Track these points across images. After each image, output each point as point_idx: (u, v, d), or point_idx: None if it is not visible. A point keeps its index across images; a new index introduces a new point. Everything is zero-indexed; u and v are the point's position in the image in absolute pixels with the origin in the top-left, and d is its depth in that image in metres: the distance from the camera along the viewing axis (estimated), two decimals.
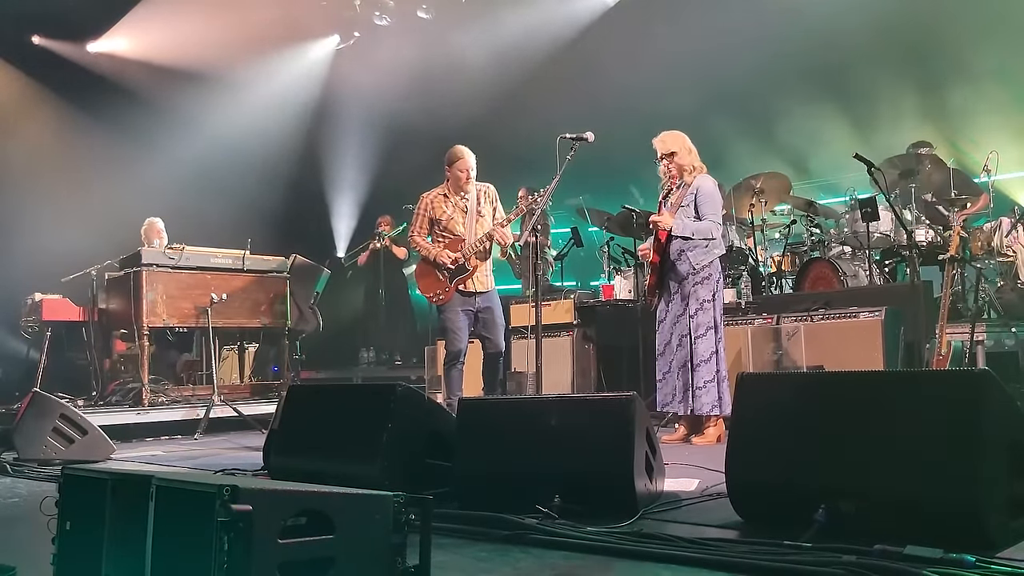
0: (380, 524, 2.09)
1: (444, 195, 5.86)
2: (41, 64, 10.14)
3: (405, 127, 10.37)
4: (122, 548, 2.09)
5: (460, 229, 5.81)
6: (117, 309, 7.39)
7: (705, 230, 5.17)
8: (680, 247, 5.22)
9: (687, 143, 5.31)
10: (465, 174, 5.76)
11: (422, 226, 5.86)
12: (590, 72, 9.46)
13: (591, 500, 3.01)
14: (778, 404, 2.93)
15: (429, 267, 5.85)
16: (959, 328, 5.50)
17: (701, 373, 5.11)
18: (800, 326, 6.01)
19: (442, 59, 9.91)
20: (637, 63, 9.12)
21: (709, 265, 5.21)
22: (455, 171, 5.80)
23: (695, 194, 5.21)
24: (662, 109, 7.67)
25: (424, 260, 5.87)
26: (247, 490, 1.86)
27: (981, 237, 6.34)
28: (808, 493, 2.62)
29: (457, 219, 5.82)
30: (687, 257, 5.21)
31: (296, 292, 8.13)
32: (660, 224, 5.17)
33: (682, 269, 5.22)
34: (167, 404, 7.02)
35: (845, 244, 7.06)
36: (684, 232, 5.16)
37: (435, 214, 5.82)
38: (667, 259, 5.27)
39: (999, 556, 2.28)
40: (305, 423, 3.97)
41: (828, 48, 8.29)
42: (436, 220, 5.82)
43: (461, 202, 5.84)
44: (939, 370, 4.83)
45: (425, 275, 5.90)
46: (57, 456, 4.93)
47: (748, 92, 8.81)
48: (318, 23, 10.64)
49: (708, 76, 8.72)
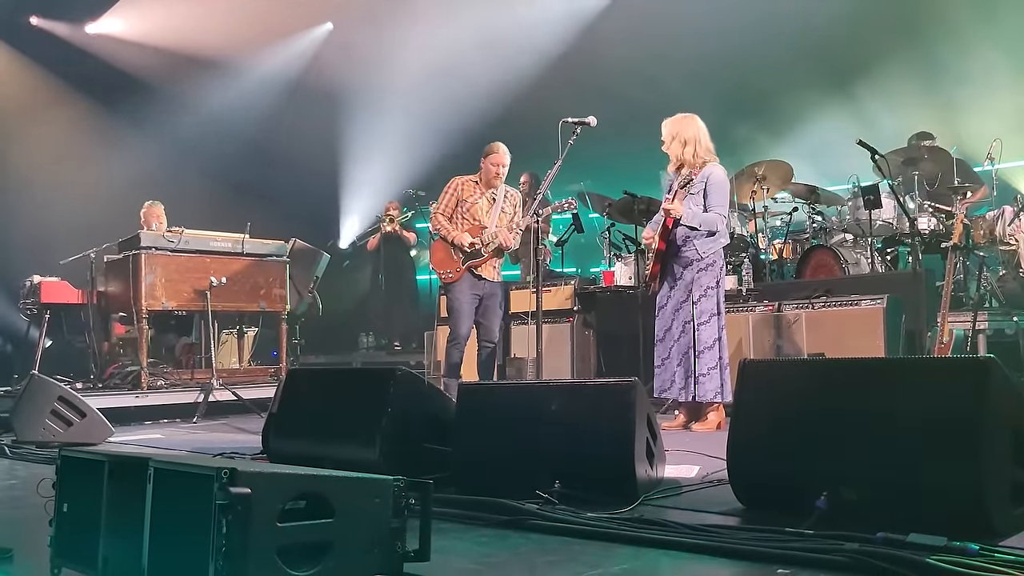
0: (380, 508, 2.08)
1: (475, 182, 6.08)
2: (39, 45, 10.07)
3: (411, 112, 10.31)
4: (119, 530, 2.07)
5: (483, 217, 6.02)
6: (116, 292, 7.36)
7: (711, 222, 5.14)
8: (686, 234, 5.19)
9: (700, 130, 5.22)
10: (495, 169, 5.98)
11: (448, 205, 6.07)
12: (595, 57, 9.39)
13: (591, 486, 3.00)
14: (780, 391, 2.92)
15: (446, 245, 6.03)
16: (960, 316, 5.48)
17: (704, 360, 5.08)
18: (801, 313, 5.99)
19: (450, 41, 9.83)
20: (638, 49, 9.07)
21: (713, 252, 5.19)
22: (487, 164, 6.02)
23: (705, 182, 5.14)
24: (663, 95, 7.63)
25: (443, 239, 6.05)
26: (246, 473, 1.84)
27: (983, 226, 6.31)
28: (810, 480, 2.61)
29: (482, 206, 6.03)
30: (693, 244, 5.18)
31: (296, 276, 8.11)
32: (672, 212, 5.10)
33: (687, 256, 5.20)
34: (166, 387, 7.01)
35: (847, 232, 7.03)
36: (692, 222, 5.12)
37: (463, 195, 6.03)
38: (672, 245, 5.23)
39: (1002, 544, 2.26)
40: (304, 407, 3.96)
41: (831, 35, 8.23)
42: (462, 201, 6.02)
43: (488, 192, 6.06)
44: (943, 357, 4.82)
45: (440, 252, 6.08)
46: (55, 438, 4.92)
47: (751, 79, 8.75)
48: (320, 4, 10.55)
49: (711, 63, 8.66)
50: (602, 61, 9.39)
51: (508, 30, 9.59)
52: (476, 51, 9.55)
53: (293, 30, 10.69)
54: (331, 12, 10.76)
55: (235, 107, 10.36)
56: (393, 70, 10.24)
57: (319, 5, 10.52)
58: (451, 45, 9.65)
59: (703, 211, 5.15)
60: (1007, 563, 2.07)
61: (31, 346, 7.60)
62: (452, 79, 9.76)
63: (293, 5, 10.22)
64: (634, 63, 9.14)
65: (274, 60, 10.80)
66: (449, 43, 9.68)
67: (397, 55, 10.12)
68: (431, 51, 9.81)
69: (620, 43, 9.35)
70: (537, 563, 2.35)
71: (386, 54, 10.20)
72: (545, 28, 9.65)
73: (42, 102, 9.89)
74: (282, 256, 7.85)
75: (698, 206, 5.14)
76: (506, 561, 2.38)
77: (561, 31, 9.69)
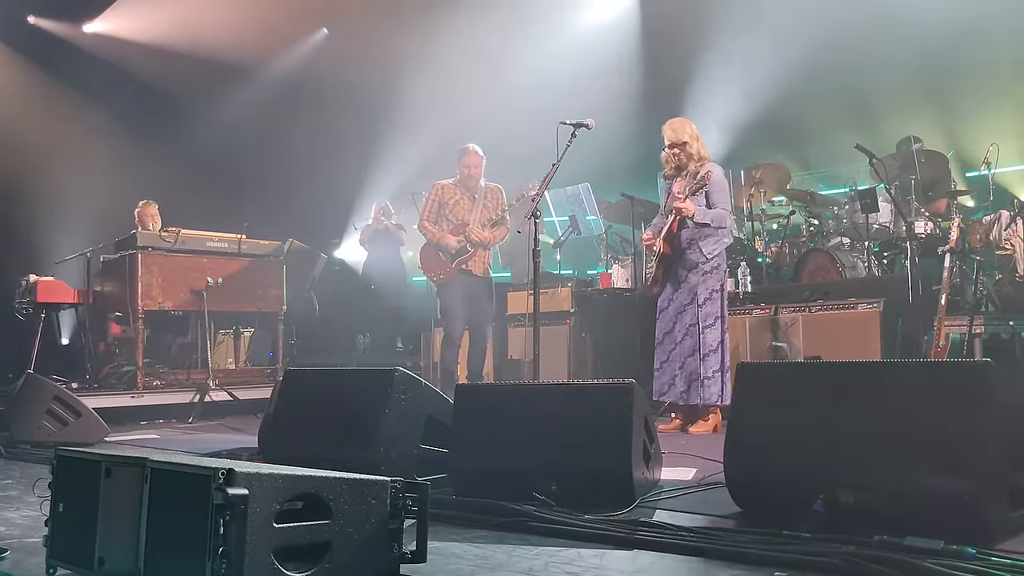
0: (377, 509, 2.08)
1: (454, 184, 6.40)
2: (36, 44, 10.05)
3: (403, 113, 10.30)
4: (115, 530, 2.07)
5: (465, 216, 6.31)
6: (112, 292, 7.34)
7: (721, 217, 5.15)
8: (691, 236, 5.17)
9: (695, 131, 5.28)
10: (467, 170, 6.34)
11: (431, 211, 6.40)
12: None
13: (588, 488, 3.00)
14: (778, 393, 2.91)
15: (433, 249, 6.35)
16: (957, 320, 5.49)
17: (709, 363, 5.07)
18: (798, 317, 6.00)
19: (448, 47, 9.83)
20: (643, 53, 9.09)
21: (718, 255, 5.19)
22: (460, 166, 6.35)
23: (708, 183, 5.12)
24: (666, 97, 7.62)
25: (429, 243, 6.37)
26: (243, 474, 1.84)
27: (980, 230, 6.33)
28: (807, 483, 2.61)
29: (463, 205, 6.34)
30: (698, 246, 5.16)
31: (292, 277, 8.09)
32: (684, 211, 5.07)
33: (692, 258, 5.18)
34: (161, 388, 6.99)
35: (844, 235, 7.04)
36: (704, 219, 5.10)
37: (443, 198, 6.35)
38: (676, 248, 5.21)
39: (999, 547, 2.27)
40: (301, 407, 3.95)
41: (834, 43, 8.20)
42: (444, 203, 6.35)
43: (468, 192, 6.36)
44: (941, 360, 4.82)
45: (429, 256, 6.41)
46: (51, 438, 4.91)
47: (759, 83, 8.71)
48: (318, 5, 10.53)
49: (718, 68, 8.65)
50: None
51: (506, 35, 9.59)
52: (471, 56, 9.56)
53: (291, 30, 10.68)
54: (328, 15, 10.75)
55: (234, 106, 10.34)
56: (389, 73, 10.24)
57: (317, 6, 10.50)
58: (447, 50, 9.67)
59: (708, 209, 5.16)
60: (1003, 567, 2.08)
61: (25, 347, 7.57)
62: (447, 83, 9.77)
63: (291, 6, 10.21)
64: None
65: (272, 60, 10.79)
66: (445, 48, 9.71)
67: (393, 58, 10.12)
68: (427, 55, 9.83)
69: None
70: (534, 565, 2.35)
71: (382, 57, 10.20)
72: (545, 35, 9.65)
73: (38, 101, 9.86)
74: (279, 257, 7.84)
75: (701, 205, 5.14)
76: (503, 563, 2.38)
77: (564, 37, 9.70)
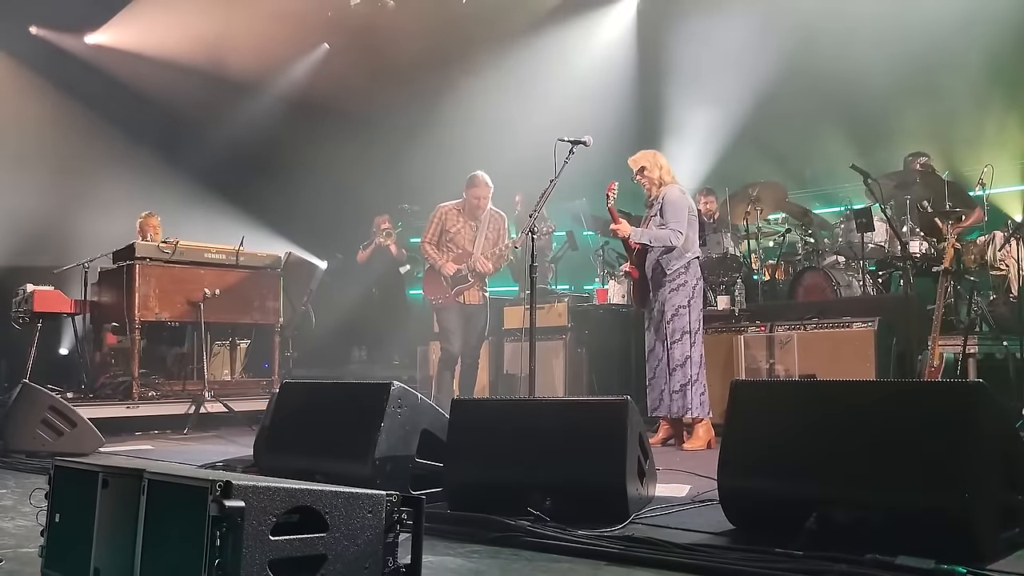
0: (372, 523, 2.09)
1: (458, 210, 6.43)
2: (38, 54, 10.08)
3: (403, 126, 10.35)
4: (112, 542, 2.07)
5: (467, 244, 6.40)
6: (109, 302, 7.34)
7: (663, 237, 5.31)
8: (654, 256, 5.43)
9: (657, 159, 5.55)
10: (476, 201, 6.37)
11: (434, 234, 6.47)
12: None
13: (582, 503, 3.00)
14: (771, 411, 2.93)
15: (435, 273, 6.47)
16: (951, 340, 5.52)
17: (676, 377, 5.28)
18: (793, 335, 6.02)
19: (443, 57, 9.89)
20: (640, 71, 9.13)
21: (686, 271, 5.35)
22: (469, 196, 6.38)
23: (661, 203, 5.40)
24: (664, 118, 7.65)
25: (431, 267, 6.49)
26: (240, 486, 1.85)
27: (974, 250, 6.35)
28: (800, 501, 2.62)
29: (465, 234, 6.40)
30: (660, 264, 5.40)
31: (290, 289, 8.10)
32: (618, 232, 5.42)
33: (656, 276, 5.41)
34: (157, 398, 6.98)
35: (839, 254, 7.07)
36: (642, 239, 5.38)
37: (446, 224, 6.41)
38: (641, 268, 5.50)
39: (990, 567, 2.28)
40: (297, 420, 3.95)
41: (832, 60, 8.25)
42: (446, 230, 6.41)
43: (472, 221, 6.41)
44: (933, 381, 4.85)
45: (430, 280, 6.57)
46: (45, 448, 4.90)
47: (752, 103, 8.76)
48: (317, 20, 10.58)
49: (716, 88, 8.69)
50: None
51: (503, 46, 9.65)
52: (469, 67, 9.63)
53: (292, 45, 10.72)
54: (328, 31, 10.80)
55: (234, 119, 10.37)
56: (389, 88, 10.30)
57: (316, 22, 10.55)
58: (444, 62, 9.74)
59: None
60: None
61: (21, 356, 7.56)
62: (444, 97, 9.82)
63: (291, 19, 10.26)
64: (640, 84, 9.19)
65: (273, 73, 10.83)
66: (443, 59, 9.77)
67: (394, 74, 10.18)
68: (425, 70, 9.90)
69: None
70: None
71: (382, 72, 10.26)
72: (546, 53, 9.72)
73: (37, 110, 9.88)
74: (276, 269, 7.85)
75: (658, 227, 5.35)
76: None
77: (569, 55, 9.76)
